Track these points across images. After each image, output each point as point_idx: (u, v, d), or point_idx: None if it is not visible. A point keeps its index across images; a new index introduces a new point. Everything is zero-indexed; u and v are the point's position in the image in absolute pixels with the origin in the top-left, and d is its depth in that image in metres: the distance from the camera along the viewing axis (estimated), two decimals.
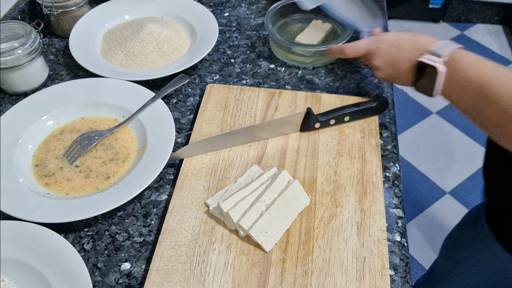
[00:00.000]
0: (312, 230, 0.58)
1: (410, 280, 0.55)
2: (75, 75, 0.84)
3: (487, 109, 0.52)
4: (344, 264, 0.55)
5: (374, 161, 0.66)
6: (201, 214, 0.60)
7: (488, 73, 0.52)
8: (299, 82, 0.81)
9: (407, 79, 0.63)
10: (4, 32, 0.76)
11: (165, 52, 0.83)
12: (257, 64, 0.85)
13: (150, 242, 0.59)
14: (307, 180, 0.64)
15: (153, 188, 0.65)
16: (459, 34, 2.46)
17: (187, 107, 0.77)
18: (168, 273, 0.54)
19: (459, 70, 0.55)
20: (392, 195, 0.63)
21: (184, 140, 0.72)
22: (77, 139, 0.69)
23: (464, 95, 0.55)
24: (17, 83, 0.78)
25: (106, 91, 0.75)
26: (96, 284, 0.55)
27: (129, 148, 0.69)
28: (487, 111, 0.52)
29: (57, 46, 0.90)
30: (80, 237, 0.60)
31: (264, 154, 0.67)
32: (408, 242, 0.60)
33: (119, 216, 0.62)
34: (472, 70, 0.54)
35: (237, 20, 0.96)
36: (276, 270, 0.54)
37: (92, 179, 0.65)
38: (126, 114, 0.73)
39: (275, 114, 0.73)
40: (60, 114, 0.73)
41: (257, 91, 0.76)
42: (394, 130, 0.73)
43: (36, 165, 0.67)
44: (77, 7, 0.89)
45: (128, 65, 0.82)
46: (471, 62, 0.55)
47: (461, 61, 0.55)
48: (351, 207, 0.60)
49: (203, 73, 0.84)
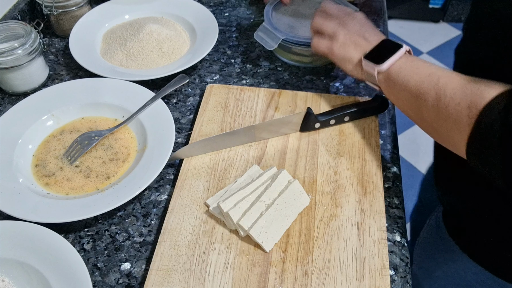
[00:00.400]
0: (312, 230, 0.58)
1: (410, 280, 0.55)
2: (75, 75, 0.84)
3: (427, 95, 0.55)
4: (344, 264, 0.55)
5: (374, 161, 0.66)
6: (201, 214, 0.60)
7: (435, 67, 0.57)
8: (299, 82, 0.81)
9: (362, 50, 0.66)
10: (4, 32, 0.76)
11: (165, 52, 0.83)
12: (257, 64, 0.85)
13: (150, 242, 0.59)
14: (307, 180, 0.64)
15: (153, 188, 0.65)
16: (459, 34, 2.46)
17: (187, 107, 0.77)
18: (168, 273, 0.54)
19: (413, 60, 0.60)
20: (392, 195, 0.63)
21: (184, 140, 0.72)
22: (77, 139, 0.69)
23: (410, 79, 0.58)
24: (17, 83, 0.78)
25: (106, 91, 0.75)
26: (96, 284, 0.55)
27: (129, 148, 0.69)
28: (427, 97, 0.54)
29: (57, 46, 0.90)
30: (80, 237, 0.60)
31: (264, 154, 0.67)
32: (408, 242, 0.60)
33: (119, 216, 0.62)
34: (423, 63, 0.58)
35: (237, 20, 0.96)
36: (276, 270, 0.54)
37: (92, 179, 0.65)
38: (126, 114, 0.73)
39: (275, 114, 0.73)
40: (60, 114, 0.73)
41: (257, 91, 0.76)
42: (394, 130, 0.73)
43: (36, 165, 0.67)
44: (77, 7, 0.89)
45: (128, 65, 0.82)
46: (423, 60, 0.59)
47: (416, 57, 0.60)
48: (351, 207, 0.60)
49: (203, 73, 0.84)
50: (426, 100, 0.55)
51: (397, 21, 2.54)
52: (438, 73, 0.55)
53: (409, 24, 2.54)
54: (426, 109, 0.55)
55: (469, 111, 0.48)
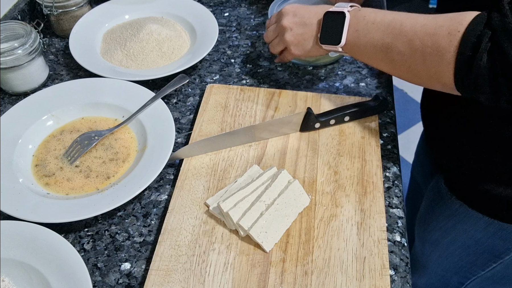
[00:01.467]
0: (312, 230, 0.58)
1: (410, 280, 0.55)
2: (75, 75, 0.84)
3: (395, 42, 0.56)
4: (344, 264, 0.55)
5: (374, 161, 0.66)
6: (201, 214, 0.60)
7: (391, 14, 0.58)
8: (299, 82, 0.81)
9: (312, 35, 0.67)
10: (4, 32, 0.76)
11: (165, 52, 0.83)
12: (257, 64, 0.85)
13: (150, 242, 0.59)
14: (307, 180, 0.64)
15: (153, 188, 0.65)
16: None
17: (187, 107, 0.77)
18: (168, 273, 0.54)
19: (364, 16, 0.61)
20: (392, 195, 0.64)
21: (184, 140, 0.72)
22: (77, 139, 0.69)
23: (371, 36, 0.59)
24: (17, 83, 0.78)
25: (106, 91, 0.75)
26: (96, 284, 0.55)
27: (129, 148, 0.69)
28: (396, 44, 0.56)
29: (57, 46, 0.90)
30: (80, 237, 0.60)
31: (264, 154, 0.67)
32: (408, 242, 0.60)
33: (119, 216, 0.62)
34: (375, 14, 0.60)
35: (237, 20, 0.96)
36: (276, 270, 0.54)
37: (92, 179, 0.65)
38: (126, 114, 0.73)
39: (275, 114, 0.73)
40: (60, 114, 0.73)
41: (257, 91, 0.76)
42: (394, 130, 0.73)
43: (36, 165, 0.67)
44: (77, 7, 0.89)
45: (128, 65, 0.82)
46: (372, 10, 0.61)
47: (364, 10, 0.62)
48: (351, 207, 0.60)
49: (203, 73, 0.84)
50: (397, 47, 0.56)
51: None
52: (398, 18, 0.56)
53: None
54: (400, 56, 0.56)
55: (450, 37, 0.49)
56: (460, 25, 0.49)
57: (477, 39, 0.47)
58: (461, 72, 0.49)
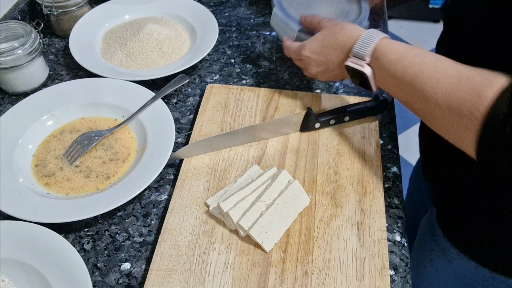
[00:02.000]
0: (312, 230, 0.58)
1: (410, 280, 0.55)
2: (75, 75, 0.84)
3: (416, 100, 0.54)
4: (344, 264, 0.55)
5: (374, 161, 0.66)
6: (201, 214, 0.60)
7: (411, 68, 0.54)
8: (299, 82, 0.81)
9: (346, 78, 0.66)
10: (4, 32, 0.76)
11: (165, 52, 0.83)
12: (257, 64, 0.85)
13: (150, 242, 0.59)
14: (307, 180, 0.64)
15: (153, 188, 0.65)
16: None
17: (187, 107, 0.77)
18: (168, 273, 0.54)
19: (384, 70, 0.57)
20: (392, 195, 0.63)
21: (184, 140, 0.72)
22: (77, 139, 0.69)
23: (393, 89, 0.57)
24: (17, 83, 0.78)
25: (106, 91, 0.75)
26: (96, 284, 0.55)
27: (129, 148, 0.69)
28: (416, 102, 0.54)
29: (57, 46, 0.90)
30: (80, 237, 0.60)
31: (264, 154, 0.67)
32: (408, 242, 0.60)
33: (119, 216, 0.62)
34: (395, 68, 0.55)
35: (237, 20, 0.96)
36: (276, 270, 0.54)
37: (92, 179, 0.65)
38: (126, 114, 0.73)
39: (275, 114, 0.73)
40: (60, 114, 0.73)
41: (257, 91, 0.76)
42: (394, 130, 0.73)
43: (36, 165, 0.67)
44: (77, 7, 0.89)
45: (128, 65, 0.82)
46: (393, 59, 0.56)
47: (382, 60, 0.57)
48: (351, 207, 0.60)
49: (203, 73, 0.84)
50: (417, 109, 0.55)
51: (397, 21, 2.54)
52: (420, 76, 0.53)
53: (409, 24, 2.54)
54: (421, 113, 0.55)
55: (471, 116, 0.47)
56: (481, 103, 0.46)
57: (502, 124, 0.44)
58: (484, 147, 0.47)
